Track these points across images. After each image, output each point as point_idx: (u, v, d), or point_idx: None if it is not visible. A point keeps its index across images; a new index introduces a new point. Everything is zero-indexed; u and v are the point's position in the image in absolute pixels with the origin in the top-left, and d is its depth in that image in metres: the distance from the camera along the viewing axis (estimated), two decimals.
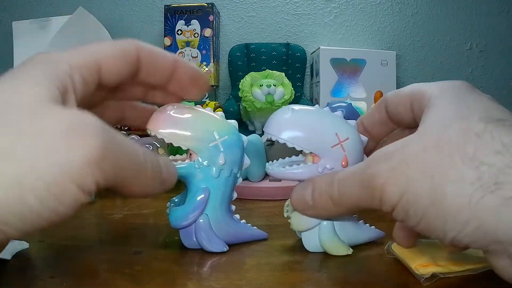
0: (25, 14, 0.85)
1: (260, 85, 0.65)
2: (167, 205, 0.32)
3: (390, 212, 0.21)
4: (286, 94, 0.65)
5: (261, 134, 0.61)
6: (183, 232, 0.30)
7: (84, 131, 0.17)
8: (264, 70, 0.68)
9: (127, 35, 0.89)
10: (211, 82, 0.78)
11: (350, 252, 0.29)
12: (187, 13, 0.78)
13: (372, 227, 0.32)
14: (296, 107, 0.29)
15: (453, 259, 0.26)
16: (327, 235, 0.29)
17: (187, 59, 0.78)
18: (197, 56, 0.78)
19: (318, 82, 0.78)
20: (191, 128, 0.29)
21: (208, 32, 0.78)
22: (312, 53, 0.83)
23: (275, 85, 0.65)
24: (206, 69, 0.78)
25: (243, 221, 0.33)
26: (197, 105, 0.31)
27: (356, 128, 0.29)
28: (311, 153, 0.28)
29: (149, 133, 0.29)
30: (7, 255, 0.28)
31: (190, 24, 0.78)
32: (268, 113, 0.68)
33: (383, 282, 0.25)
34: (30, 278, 0.26)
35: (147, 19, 0.86)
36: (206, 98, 0.78)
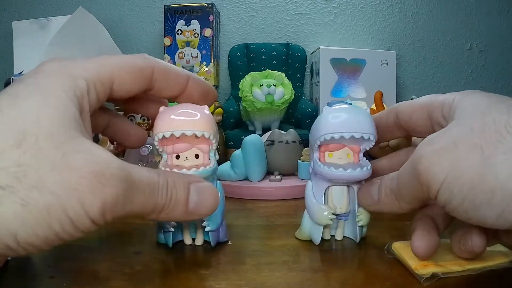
0: (25, 14, 0.85)
1: (260, 85, 0.65)
2: None
3: (435, 196, 0.22)
4: (286, 94, 0.65)
5: (261, 134, 0.61)
6: (213, 233, 0.31)
7: (106, 180, 0.19)
8: (264, 70, 0.68)
9: (127, 35, 0.89)
10: (211, 82, 0.78)
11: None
12: (187, 13, 0.78)
13: None
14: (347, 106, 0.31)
15: (453, 259, 0.26)
16: None
17: (187, 59, 0.78)
18: (197, 56, 0.78)
19: (318, 82, 0.78)
20: (209, 118, 0.29)
21: (208, 32, 0.78)
22: (312, 53, 0.83)
23: (275, 85, 0.65)
24: (206, 69, 0.78)
25: None
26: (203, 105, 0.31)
27: None
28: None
29: (163, 135, 0.28)
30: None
31: (190, 24, 0.78)
32: (268, 113, 0.69)
33: (383, 282, 0.25)
34: (30, 278, 0.26)
35: (147, 19, 0.86)
36: None
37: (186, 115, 0.28)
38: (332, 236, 0.33)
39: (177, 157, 0.30)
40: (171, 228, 0.30)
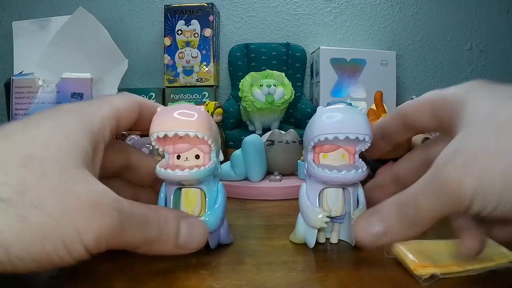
0: (25, 14, 0.85)
1: (260, 85, 0.65)
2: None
3: (468, 208, 0.21)
4: (286, 94, 0.65)
5: (261, 134, 0.61)
6: (212, 234, 0.30)
7: (104, 210, 0.20)
8: (264, 70, 0.68)
9: (127, 35, 0.89)
10: (211, 82, 0.78)
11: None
12: (187, 13, 0.78)
13: None
14: (342, 105, 0.31)
15: (453, 260, 0.26)
16: None
17: (187, 59, 0.78)
18: (197, 56, 0.78)
19: (318, 82, 0.78)
20: (209, 120, 0.29)
21: (208, 32, 0.78)
22: (312, 53, 0.83)
23: (275, 85, 0.65)
24: (206, 69, 0.78)
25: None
26: (199, 105, 0.31)
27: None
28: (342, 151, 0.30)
29: (160, 135, 0.28)
30: None
31: (190, 24, 0.78)
32: (268, 113, 0.69)
33: (383, 282, 0.26)
34: (30, 278, 0.26)
35: (147, 19, 0.86)
36: (206, 98, 0.78)
37: (182, 115, 0.28)
38: (327, 240, 0.33)
39: (178, 157, 0.30)
40: None
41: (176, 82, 0.79)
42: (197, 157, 0.30)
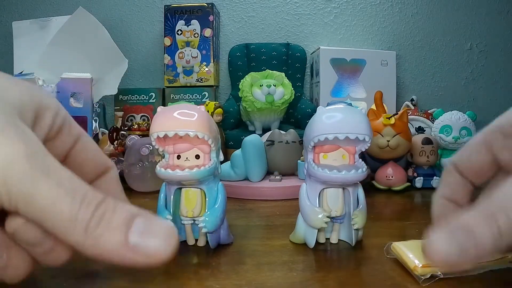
0: (25, 14, 0.85)
1: (260, 85, 0.65)
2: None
3: None
4: (286, 94, 0.65)
5: (261, 134, 0.61)
6: (212, 234, 0.31)
7: (9, 133, 0.16)
8: (264, 70, 0.68)
9: (127, 35, 0.89)
10: (211, 82, 0.78)
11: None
12: (187, 13, 0.78)
13: None
14: (342, 105, 0.31)
15: None
16: None
17: (187, 59, 0.78)
18: (197, 56, 0.78)
19: (318, 82, 0.78)
20: (209, 120, 0.29)
21: (208, 32, 0.78)
22: (312, 53, 0.83)
23: (275, 85, 0.65)
24: (206, 69, 0.78)
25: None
26: (200, 105, 0.31)
27: None
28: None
29: (158, 135, 0.28)
30: None
31: (190, 24, 0.78)
32: (268, 113, 0.69)
33: (383, 282, 0.26)
34: (30, 278, 0.26)
35: (147, 19, 0.86)
36: (206, 98, 0.78)
37: (183, 115, 0.28)
38: (327, 240, 0.33)
39: (178, 157, 0.30)
40: None
41: (176, 82, 0.79)
42: (197, 157, 0.30)
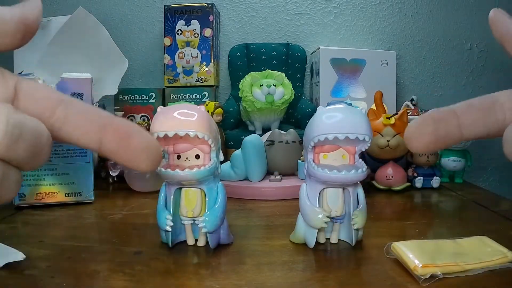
0: None
1: (260, 85, 0.65)
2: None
3: None
4: (286, 94, 0.65)
5: (261, 134, 0.61)
6: (212, 234, 0.31)
7: None
8: (264, 70, 0.68)
9: (127, 35, 0.89)
10: (211, 82, 0.78)
11: None
12: (187, 13, 0.78)
13: None
14: (342, 105, 0.31)
15: (453, 260, 0.26)
16: None
17: (187, 59, 0.78)
18: (197, 56, 0.78)
19: (318, 82, 0.78)
20: (209, 120, 0.29)
21: (208, 32, 0.78)
22: (312, 53, 0.83)
23: (275, 85, 0.65)
24: (206, 69, 0.78)
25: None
26: (200, 105, 0.31)
27: None
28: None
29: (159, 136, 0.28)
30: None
31: (190, 24, 0.78)
32: (268, 113, 0.69)
33: (383, 282, 0.26)
34: (30, 278, 0.26)
35: (147, 19, 0.86)
36: (206, 98, 0.78)
37: (183, 115, 0.28)
38: (327, 240, 0.33)
39: (178, 157, 0.30)
40: (168, 228, 0.30)
41: (176, 82, 0.79)
42: (197, 157, 0.30)
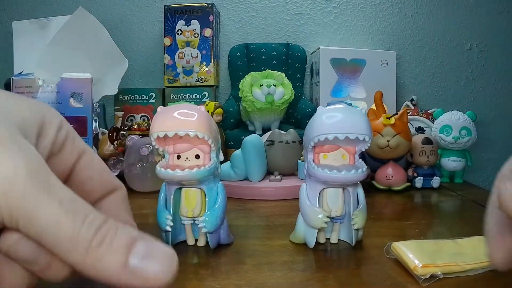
0: (25, 14, 0.85)
1: (260, 85, 0.65)
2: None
3: None
4: (286, 94, 0.65)
5: (261, 134, 0.61)
6: (212, 234, 0.30)
7: (10, 149, 0.15)
8: (264, 70, 0.68)
9: (127, 35, 0.89)
10: (211, 82, 0.78)
11: None
12: (187, 13, 0.78)
13: None
14: (342, 105, 0.31)
15: (453, 260, 0.26)
16: None
17: (187, 59, 0.78)
18: (197, 56, 0.78)
19: (318, 82, 0.78)
20: (209, 120, 0.29)
21: (208, 32, 0.78)
22: (312, 53, 0.83)
23: (275, 85, 0.65)
24: (206, 69, 0.78)
25: None
26: (200, 105, 0.31)
27: None
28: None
29: (158, 136, 0.28)
30: None
31: (190, 24, 0.78)
32: (268, 113, 0.69)
33: (383, 282, 0.26)
34: None
35: (147, 19, 0.86)
36: (206, 98, 0.78)
37: (183, 115, 0.28)
38: (327, 240, 0.33)
39: (178, 157, 0.30)
40: (168, 228, 0.30)
41: (176, 82, 0.79)
42: (197, 157, 0.30)
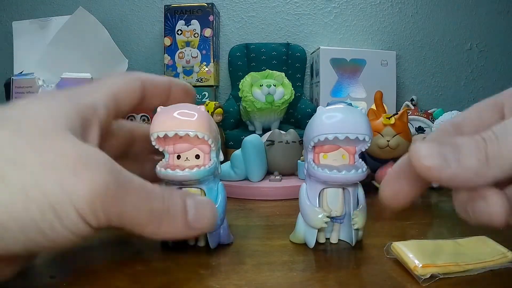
0: (25, 14, 0.85)
1: (260, 85, 0.65)
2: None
3: None
4: (286, 94, 0.65)
5: (261, 134, 0.61)
6: (212, 234, 0.30)
7: (93, 165, 0.17)
8: (264, 70, 0.68)
9: (127, 35, 0.89)
10: (211, 82, 0.78)
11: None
12: (187, 13, 0.78)
13: None
14: (342, 105, 0.31)
15: (453, 260, 0.26)
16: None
17: (187, 59, 0.78)
18: (197, 56, 0.78)
19: (318, 82, 0.78)
20: (209, 120, 0.29)
21: (208, 32, 0.78)
22: (312, 53, 0.83)
23: (275, 85, 0.65)
24: (206, 69, 0.78)
25: None
26: (200, 105, 0.31)
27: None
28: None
29: (159, 136, 0.28)
30: None
31: (190, 24, 0.78)
32: (268, 113, 0.69)
33: (383, 282, 0.26)
34: (30, 278, 0.26)
35: (147, 19, 0.86)
36: (206, 98, 0.78)
37: (183, 115, 0.28)
38: (327, 240, 0.33)
39: (178, 157, 0.30)
40: None
41: None
42: (197, 157, 0.30)
